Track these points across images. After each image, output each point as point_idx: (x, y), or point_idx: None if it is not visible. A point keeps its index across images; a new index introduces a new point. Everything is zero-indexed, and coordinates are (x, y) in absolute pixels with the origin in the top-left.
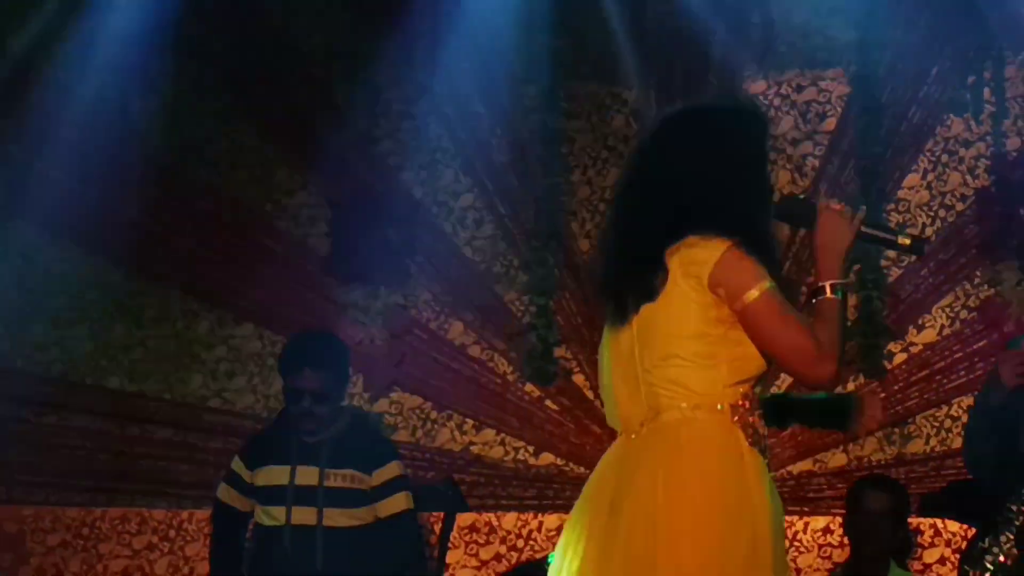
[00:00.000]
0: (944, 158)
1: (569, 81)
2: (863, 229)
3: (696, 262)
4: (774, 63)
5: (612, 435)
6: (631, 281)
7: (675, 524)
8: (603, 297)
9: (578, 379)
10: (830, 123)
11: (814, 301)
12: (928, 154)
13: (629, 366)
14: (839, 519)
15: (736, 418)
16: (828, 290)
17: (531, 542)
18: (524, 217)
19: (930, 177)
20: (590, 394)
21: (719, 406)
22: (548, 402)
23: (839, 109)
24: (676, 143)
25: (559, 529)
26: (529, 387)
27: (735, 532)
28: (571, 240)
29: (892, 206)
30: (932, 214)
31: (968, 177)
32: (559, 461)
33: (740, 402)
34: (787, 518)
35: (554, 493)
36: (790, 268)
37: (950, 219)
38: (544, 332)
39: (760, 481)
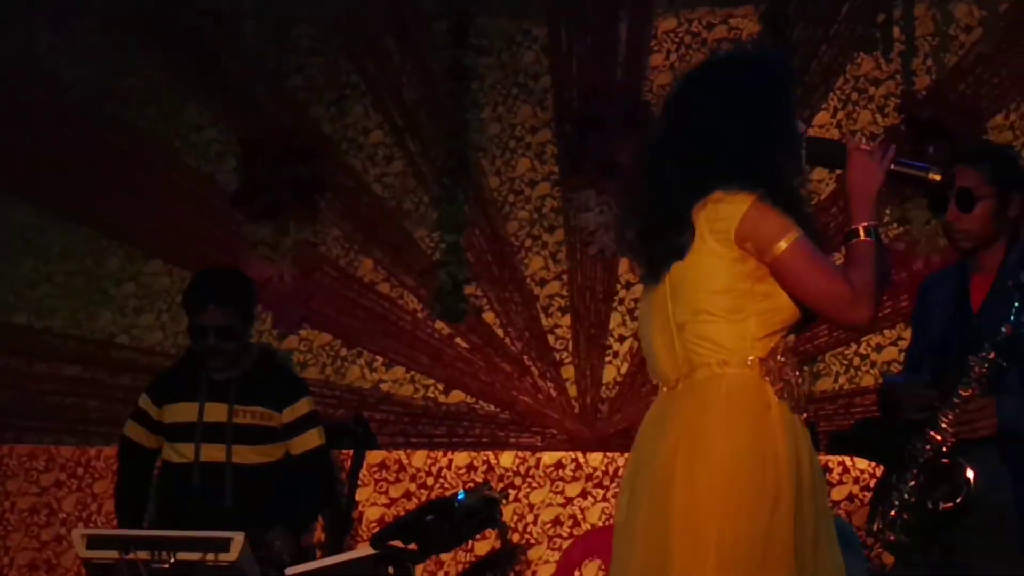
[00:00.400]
0: (854, 96)
1: (479, 17)
2: (894, 167)
3: (722, 217)
4: (685, 1)
5: (522, 372)
6: (660, 240)
7: (696, 484)
8: (635, 257)
9: (488, 316)
10: None
11: (848, 244)
12: (838, 92)
13: (664, 323)
14: None
15: (765, 372)
16: (861, 233)
17: (441, 480)
18: (434, 154)
19: (840, 115)
20: (500, 332)
21: (748, 360)
22: (458, 339)
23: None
24: (699, 98)
25: (469, 467)
26: (439, 324)
27: (756, 487)
28: (481, 177)
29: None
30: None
31: (878, 115)
32: (469, 399)
33: (770, 355)
34: None
35: (464, 431)
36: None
37: None
38: (454, 269)
39: (786, 433)
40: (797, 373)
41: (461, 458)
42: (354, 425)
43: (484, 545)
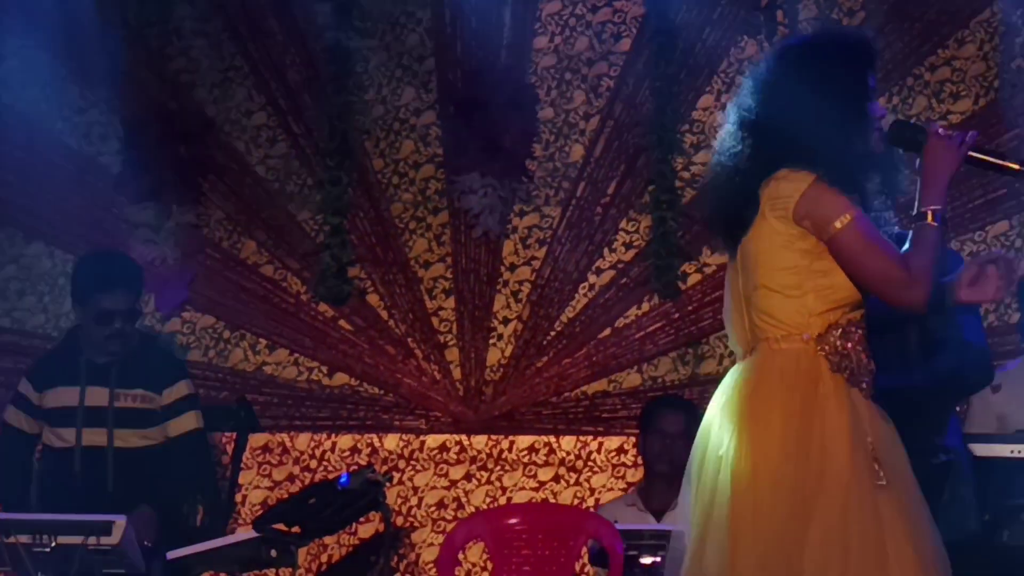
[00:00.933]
0: (738, 79)
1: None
2: (972, 154)
3: (782, 195)
4: None
5: (406, 355)
6: (730, 215)
7: (756, 453)
8: (713, 230)
9: (372, 299)
10: (625, 43)
11: (915, 225)
12: (722, 75)
13: (736, 296)
14: (633, 439)
15: (822, 347)
16: (929, 216)
17: (324, 463)
18: (318, 136)
19: (724, 98)
20: (384, 314)
21: (805, 336)
22: (342, 322)
23: (634, 30)
24: (776, 78)
25: (352, 450)
26: (323, 307)
27: (800, 463)
28: (365, 159)
29: (687, 127)
30: None
31: None
32: (353, 381)
33: (829, 330)
34: (581, 439)
35: (348, 413)
36: None
37: None
38: (338, 251)
39: (840, 406)
40: (860, 348)
41: (345, 441)
42: (237, 408)
43: (368, 528)
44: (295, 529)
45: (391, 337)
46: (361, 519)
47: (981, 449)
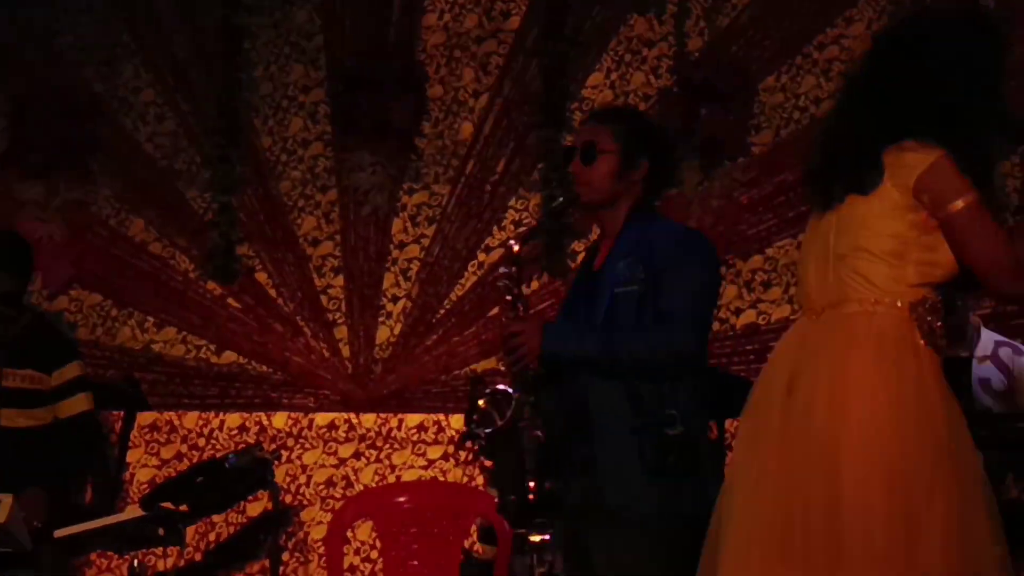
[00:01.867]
0: (627, 57)
1: None
2: None
3: (906, 165)
4: None
5: (295, 333)
6: (845, 171)
7: (857, 410)
8: (812, 180)
9: (261, 277)
10: (514, 21)
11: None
12: (612, 53)
13: (823, 250)
14: None
15: (915, 316)
16: None
17: (212, 441)
18: (206, 113)
19: (613, 76)
20: (273, 292)
21: (899, 303)
22: (230, 300)
23: (523, 7)
24: (917, 47)
25: (241, 428)
26: (211, 285)
27: (916, 420)
28: (254, 137)
29: (576, 104)
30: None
31: (651, 77)
32: (241, 359)
33: (920, 303)
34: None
35: (236, 392)
36: None
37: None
38: (226, 229)
39: (936, 376)
40: (940, 324)
41: (233, 419)
42: (125, 386)
43: (256, 506)
44: (183, 507)
45: (280, 315)
46: (249, 497)
47: None
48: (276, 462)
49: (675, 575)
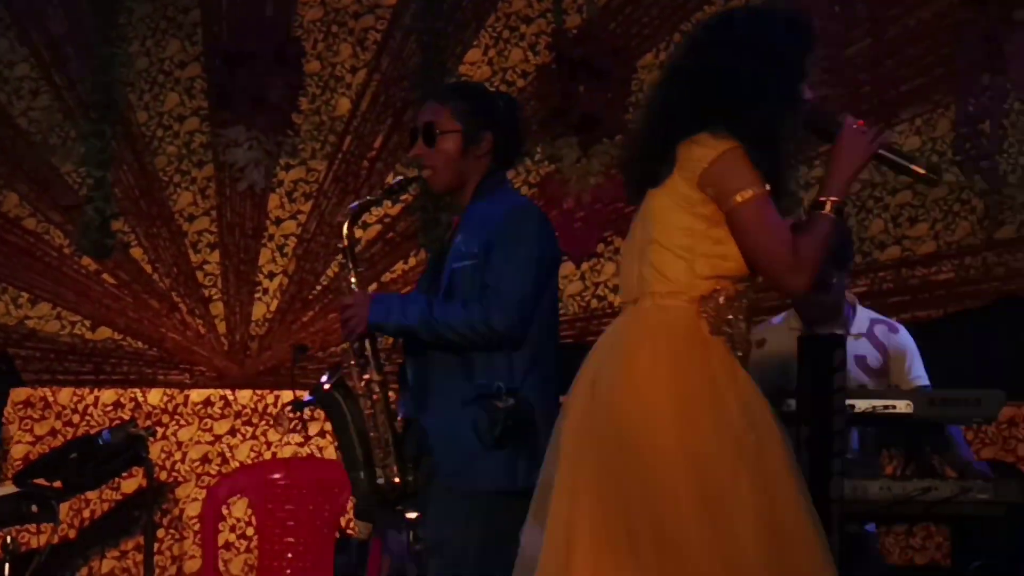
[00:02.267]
0: (505, 34)
1: None
2: (881, 152)
3: (693, 158)
4: None
5: (170, 309)
6: (642, 166)
7: (651, 405)
8: (623, 174)
9: (136, 252)
10: None
11: (812, 212)
12: (490, 29)
13: (632, 247)
14: None
15: (703, 309)
16: (828, 206)
17: (87, 417)
18: (81, 88)
19: (491, 52)
20: (148, 267)
21: (688, 296)
22: (105, 275)
23: None
24: (715, 42)
25: (116, 404)
26: (86, 260)
27: (710, 410)
28: (129, 112)
29: (453, 81)
30: (493, 90)
31: (529, 53)
32: (116, 335)
33: (712, 295)
34: None
35: (111, 368)
36: None
37: (512, 94)
38: (101, 204)
39: (726, 367)
40: (741, 316)
41: (108, 395)
42: None
43: (131, 483)
44: (56, 484)
45: (155, 291)
46: (124, 474)
47: None
48: (151, 438)
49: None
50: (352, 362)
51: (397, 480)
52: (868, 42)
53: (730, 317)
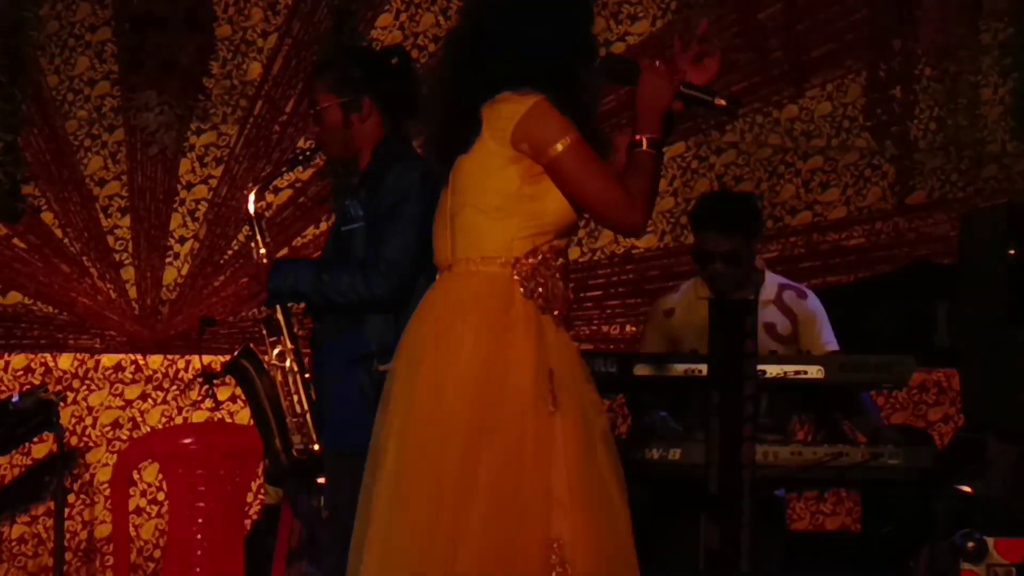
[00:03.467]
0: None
1: None
2: (682, 89)
3: (502, 117)
4: None
5: (81, 273)
6: (448, 133)
7: (451, 375)
8: (429, 147)
9: (47, 216)
10: None
11: (630, 153)
12: None
13: (443, 214)
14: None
15: (517, 272)
16: (645, 143)
17: None
18: None
19: (403, 17)
20: (59, 232)
21: (502, 259)
22: (15, 240)
23: None
24: (498, 3)
25: (26, 369)
26: None
27: (482, 383)
28: (39, 75)
29: (365, 45)
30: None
31: (441, 18)
32: (27, 300)
33: (528, 255)
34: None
35: (21, 332)
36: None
37: (423, 60)
38: (11, 169)
39: (527, 332)
40: (558, 276)
41: (18, 360)
42: None
43: (42, 448)
44: None
45: (65, 255)
46: (34, 439)
47: (645, 369)
48: (61, 403)
49: None
50: (264, 331)
51: (316, 448)
52: (780, 6)
53: (544, 278)
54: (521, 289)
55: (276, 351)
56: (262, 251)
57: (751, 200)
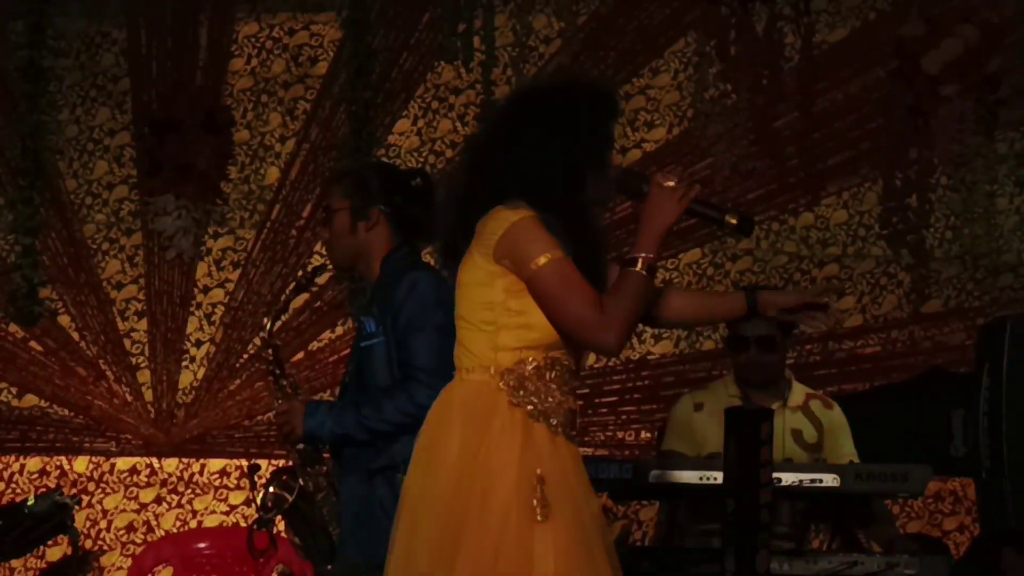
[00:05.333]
0: (435, 104)
1: (57, 17)
2: (692, 206)
3: (487, 232)
4: (266, 6)
5: (98, 376)
6: (448, 245)
7: (425, 486)
8: (439, 256)
9: (63, 320)
10: (322, 67)
11: (623, 271)
12: (419, 100)
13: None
14: None
15: (504, 381)
16: (639, 264)
17: (13, 485)
18: (10, 155)
19: (420, 123)
20: (75, 335)
21: (492, 369)
22: (32, 343)
23: (331, 53)
24: (511, 117)
25: (41, 472)
26: (13, 327)
27: (462, 491)
28: (58, 179)
29: (383, 151)
30: (422, 160)
31: (458, 124)
32: (43, 403)
33: (517, 366)
34: (274, 462)
35: (37, 435)
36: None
37: (439, 165)
38: (29, 272)
39: (512, 439)
40: (553, 386)
41: (34, 463)
42: None
43: (56, 551)
44: None
45: (82, 358)
46: (49, 542)
47: (669, 476)
48: (76, 507)
49: None
50: (299, 461)
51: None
52: (796, 114)
53: (536, 388)
54: (507, 397)
55: (311, 478)
56: (284, 383)
57: None
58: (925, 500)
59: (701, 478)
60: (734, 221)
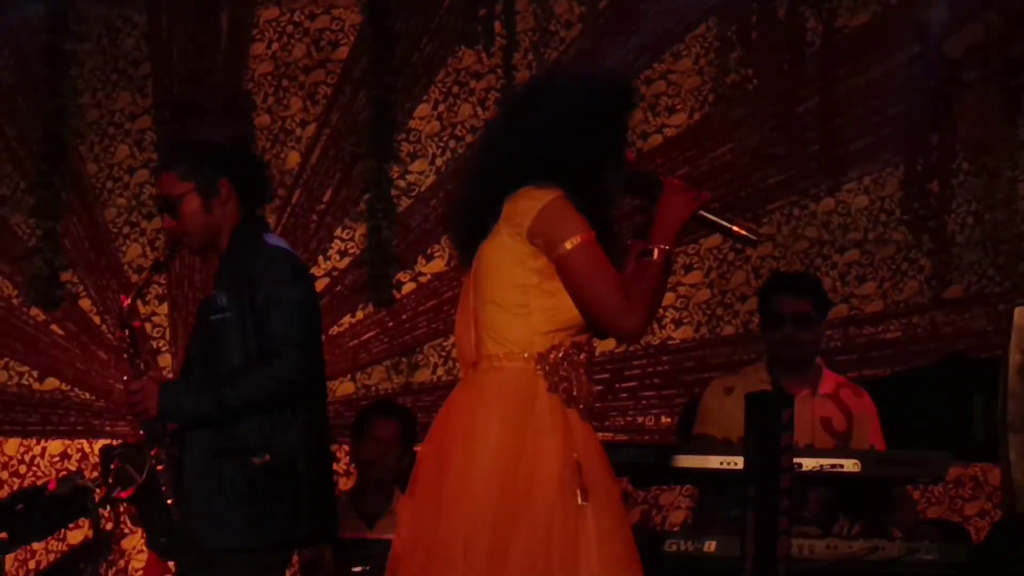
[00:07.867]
0: (455, 89)
1: (79, 2)
2: (701, 212)
3: (519, 212)
4: None
5: (119, 360)
6: (471, 224)
7: (465, 471)
8: (453, 237)
9: (85, 304)
10: (343, 51)
11: (640, 260)
12: (439, 85)
13: (467, 309)
14: (345, 447)
15: (541, 366)
16: (656, 253)
17: (34, 468)
18: (31, 139)
19: (441, 108)
20: (96, 319)
21: (526, 354)
22: (54, 326)
23: (352, 38)
24: (536, 99)
25: (63, 455)
26: (34, 311)
27: (509, 477)
28: (79, 163)
29: (403, 136)
30: (442, 144)
31: (479, 109)
32: (64, 386)
33: (551, 350)
34: None
35: (58, 419)
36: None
37: (460, 150)
38: (50, 256)
39: (554, 425)
40: (581, 370)
41: (55, 446)
42: None
43: (77, 534)
44: (2, 535)
45: (103, 342)
46: (70, 525)
47: (690, 461)
48: (98, 490)
49: None
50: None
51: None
52: (817, 100)
53: (568, 372)
54: (545, 383)
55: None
56: (138, 361)
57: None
58: (946, 485)
59: (722, 463)
60: (741, 231)
